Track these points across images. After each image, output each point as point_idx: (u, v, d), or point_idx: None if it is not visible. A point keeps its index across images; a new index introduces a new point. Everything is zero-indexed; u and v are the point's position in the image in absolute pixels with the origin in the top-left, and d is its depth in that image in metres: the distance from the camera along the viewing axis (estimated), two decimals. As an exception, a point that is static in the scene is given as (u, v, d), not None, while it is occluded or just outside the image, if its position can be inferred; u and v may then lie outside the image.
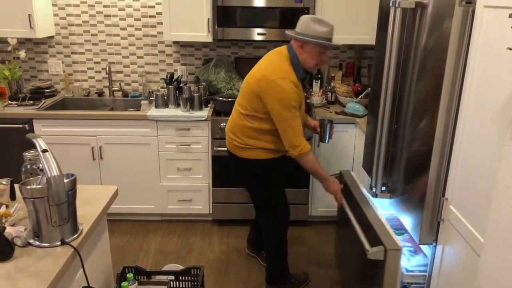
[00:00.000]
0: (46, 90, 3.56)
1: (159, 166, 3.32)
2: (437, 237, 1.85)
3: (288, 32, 2.36)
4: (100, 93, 3.67)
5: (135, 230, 3.39)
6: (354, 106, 3.15)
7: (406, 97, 2.02)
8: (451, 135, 1.73)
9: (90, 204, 1.80)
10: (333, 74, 3.58)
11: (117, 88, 3.67)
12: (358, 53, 3.61)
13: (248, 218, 3.32)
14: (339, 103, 3.45)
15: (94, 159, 3.27)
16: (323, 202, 3.36)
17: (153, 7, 3.54)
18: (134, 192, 3.38)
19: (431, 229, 1.86)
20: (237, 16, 3.21)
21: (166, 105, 3.36)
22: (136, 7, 3.55)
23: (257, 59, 3.61)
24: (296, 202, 3.31)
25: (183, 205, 3.42)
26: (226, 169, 3.25)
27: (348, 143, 3.23)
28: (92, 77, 3.73)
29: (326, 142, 2.62)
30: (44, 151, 1.50)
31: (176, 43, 3.63)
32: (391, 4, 2.00)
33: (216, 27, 3.23)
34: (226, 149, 2.61)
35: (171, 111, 3.26)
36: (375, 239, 1.98)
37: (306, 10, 3.16)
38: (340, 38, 3.26)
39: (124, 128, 3.23)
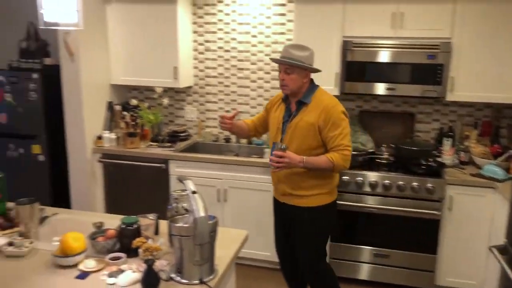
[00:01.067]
0: (181, 134, 3.90)
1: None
2: None
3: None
4: (227, 139, 3.91)
5: (251, 275, 3.43)
6: (493, 168, 2.90)
7: None
8: None
9: (223, 247, 1.88)
10: (467, 133, 3.37)
11: (243, 135, 3.87)
12: (497, 112, 3.36)
13: (373, 280, 3.17)
14: (474, 164, 3.21)
15: (218, 200, 3.45)
16: (454, 271, 3.08)
17: (283, 61, 3.74)
18: (252, 237, 3.44)
19: None
20: (366, 71, 3.24)
21: (288, 154, 3.44)
22: (267, 62, 3.78)
23: (383, 113, 3.61)
24: (419, 268, 3.09)
25: (298, 256, 3.39)
26: (347, 224, 3.18)
27: (485, 210, 2.95)
28: (221, 124, 4.00)
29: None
30: (194, 192, 1.62)
31: (301, 95, 3.75)
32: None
33: (344, 81, 3.29)
34: (347, 203, 2.59)
35: (294, 161, 3.32)
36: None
37: (439, 67, 3.07)
38: (477, 95, 3.11)
39: (247, 174, 3.37)
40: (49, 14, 1.50)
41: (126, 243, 1.81)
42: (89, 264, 1.71)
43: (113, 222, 2.04)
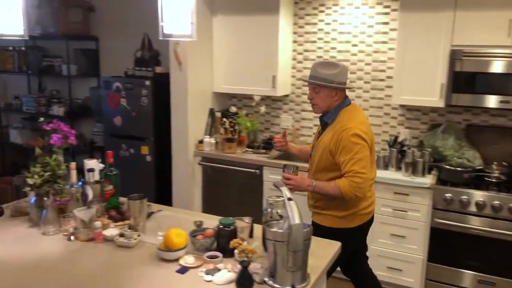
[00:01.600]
0: (276, 141, 3.97)
1: (372, 228, 3.26)
2: None
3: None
4: (322, 149, 3.89)
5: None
6: None
7: None
8: None
9: (315, 256, 1.87)
10: None
11: (338, 146, 3.82)
12: None
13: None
14: None
15: (310, 210, 3.43)
16: None
17: (384, 71, 3.64)
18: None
19: None
20: (476, 82, 3.02)
21: (386, 167, 3.33)
22: (367, 71, 3.70)
23: (493, 127, 3.33)
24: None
25: (391, 274, 3.25)
26: (448, 244, 2.98)
27: None
28: (317, 133, 4.00)
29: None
30: (289, 199, 1.65)
31: (402, 106, 3.61)
32: None
33: (450, 92, 3.10)
34: (449, 222, 2.41)
35: (391, 174, 3.21)
36: None
37: None
38: None
39: (342, 185, 3.31)
40: (167, 27, 1.64)
41: (222, 243, 1.89)
42: (188, 260, 1.81)
43: (211, 222, 2.14)
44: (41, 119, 4.95)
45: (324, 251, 1.95)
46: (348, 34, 3.72)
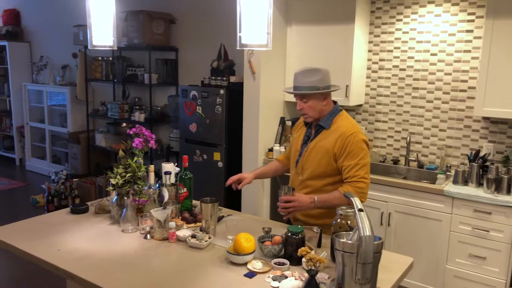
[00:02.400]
0: (347, 152, 3.90)
1: (448, 246, 3.09)
2: None
3: None
4: (396, 161, 3.76)
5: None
6: None
7: None
8: None
9: (385, 270, 1.81)
10: None
11: (413, 159, 3.68)
12: None
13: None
14: None
15: (381, 224, 3.33)
16: None
17: (466, 81, 3.44)
18: (414, 266, 3.23)
19: None
20: None
21: (465, 182, 3.14)
22: (446, 81, 3.53)
23: None
24: None
25: (469, 297, 3.04)
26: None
27: None
28: (391, 145, 3.87)
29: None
30: (360, 210, 1.62)
31: (486, 119, 3.39)
32: None
33: (542, 105, 2.86)
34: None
35: (472, 190, 3.01)
36: None
37: None
38: None
39: (416, 199, 3.18)
40: (244, 37, 1.70)
41: (290, 251, 1.89)
42: (256, 265, 1.84)
43: (279, 229, 2.15)
44: (124, 124, 5.31)
45: (396, 265, 1.88)
46: (427, 43, 3.58)
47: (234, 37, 1.84)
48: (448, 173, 3.35)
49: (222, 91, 4.14)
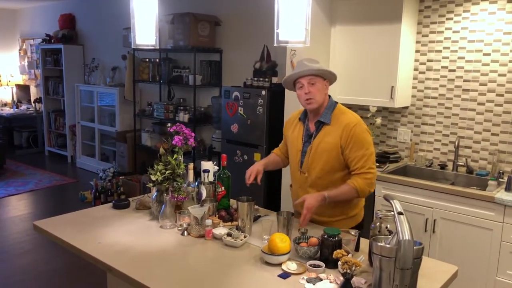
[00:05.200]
0: (391, 155, 3.78)
1: (499, 257, 2.91)
2: None
3: None
4: (443, 166, 3.59)
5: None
6: None
7: None
8: None
9: (427, 278, 1.73)
10: None
11: (462, 164, 3.50)
12: None
13: None
14: None
15: (426, 230, 3.19)
16: None
17: (521, 82, 3.24)
18: (461, 277, 3.07)
19: None
20: None
21: (519, 190, 2.94)
22: (500, 83, 3.33)
23: None
24: None
25: (521, 312, 2.85)
26: None
27: None
28: (438, 149, 3.71)
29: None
30: (400, 213, 1.55)
31: (543, 122, 3.17)
32: None
33: None
34: None
35: (526, 199, 2.82)
36: None
37: None
38: None
39: (464, 206, 3.02)
40: (282, 34, 1.68)
41: (325, 253, 1.84)
42: (291, 266, 1.81)
43: (316, 231, 2.11)
44: (168, 125, 5.43)
45: (438, 274, 1.79)
46: (480, 43, 3.40)
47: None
48: (500, 179, 3.16)
49: (263, 92, 4.13)
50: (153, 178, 2.31)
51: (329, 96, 2.34)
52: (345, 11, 3.78)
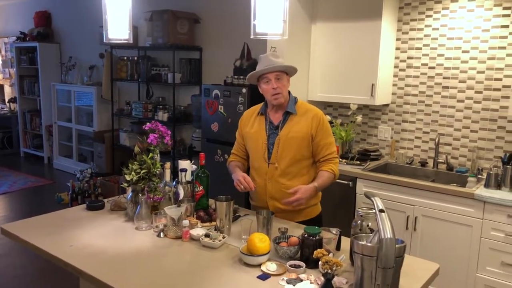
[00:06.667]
0: (372, 153, 3.76)
1: (479, 254, 2.91)
2: None
3: None
4: (423, 163, 3.59)
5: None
6: None
7: None
8: None
9: (408, 276, 1.69)
10: None
11: (442, 161, 3.50)
12: None
13: None
14: None
15: (407, 228, 3.18)
16: None
17: (500, 79, 3.26)
18: (442, 274, 3.06)
19: None
20: None
21: (498, 186, 2.95)
22: (479, 80, 3.35)
23: None
24: None
25: (501, 308, 2.86)
26: None
27: None
28: (418, 146, 3.71)
29: None
30: (381, 211, 1.51)
31: (521, 119, 3.20)
32: None
33: None
34: None
35: (505, 195, 2.83)
36: None
37: None
38: None
39: (445, 203, 3.02)
40: (260, 25, 1.62)
41: (306, 253, 1.79)
42: (270, 267, 1.75)
43: (296, 230, 2.06)
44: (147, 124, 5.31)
45: (420, 272, 1.76)
46: (459, 40, 3.41)
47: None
48: (479, 176, 3.17)
49: (244, 90, 4.07)
50: (127, 178, 2.23)
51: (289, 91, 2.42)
52: (325, 8, 3.75)
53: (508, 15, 3.18)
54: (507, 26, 3.20)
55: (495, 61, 3.27)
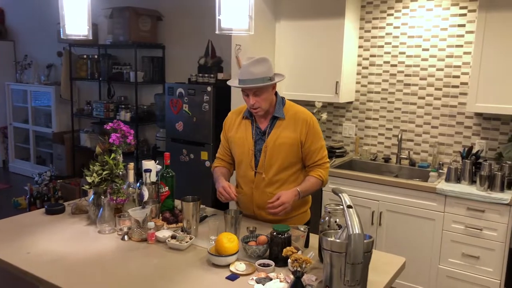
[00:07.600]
0: (337, 150, 3.80)
1: (441, 246, 3.00)
2: None
3: None
4: (387, 159, 3.67)
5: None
6: None
7: None
8: None
9: (376, 271, 1.71)
10: None
11: (405, 156, 3.59)
12: None
13: None
14: None
15: (372, 223, 3.23)
16: None
17: (458, 77, 3.36)
18: (407, 267, 3.14)
19: None
20: None
21: (458, 180, 3.05)
22: (438, 77, 3.45)
23: None
24: None
25: (463, 298, 2.95)
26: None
27: None
28: (381, 143, 3.78)
29: None
30: (349, 207, 1.51)
31: (478, 115, 3.31)
32: None
33: (536, 99, 2.78)
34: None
35: (465, 188, 2.93)
36: None
37: None
38: None
39: (408, 198, 3.09)
40: (224, 21, 1.59)
41: (275, 251, 1.78)
42: (239, 266, 1.73)
43: (265, 229, 2.04)
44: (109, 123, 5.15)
45: (387, 266, 1.78)
46: (419, 38, 3.50)
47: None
48: (440, 171, 3.26)
49: (209, 88, 4.02)
50: (89, 180, 2.14)
51: (276, 92, 2.23)
52: (289, 6, 3.75)
53: (465, 14, 3.29)
54: (463, 25, 3.31)
55: (453, 59, 3.37)
